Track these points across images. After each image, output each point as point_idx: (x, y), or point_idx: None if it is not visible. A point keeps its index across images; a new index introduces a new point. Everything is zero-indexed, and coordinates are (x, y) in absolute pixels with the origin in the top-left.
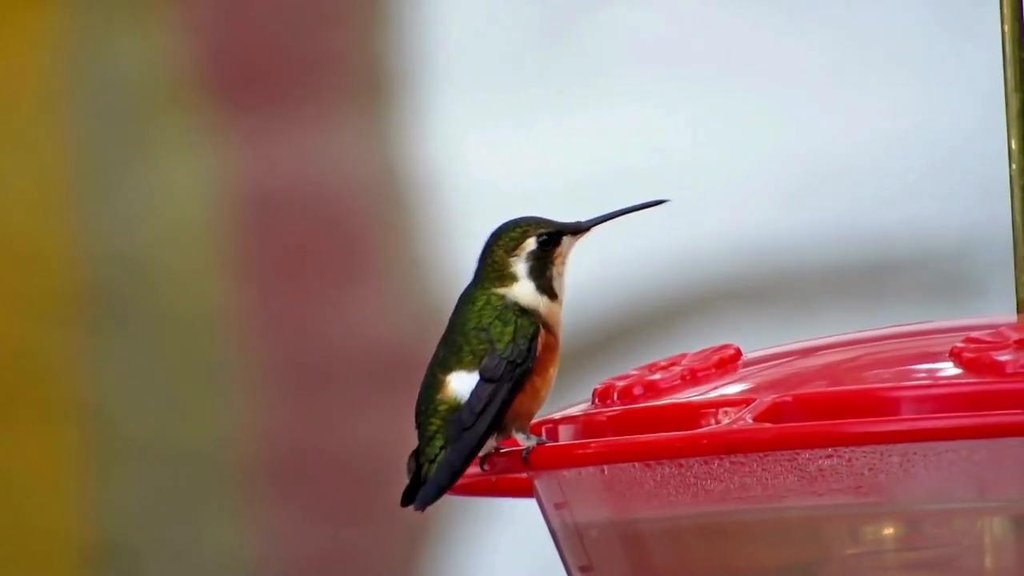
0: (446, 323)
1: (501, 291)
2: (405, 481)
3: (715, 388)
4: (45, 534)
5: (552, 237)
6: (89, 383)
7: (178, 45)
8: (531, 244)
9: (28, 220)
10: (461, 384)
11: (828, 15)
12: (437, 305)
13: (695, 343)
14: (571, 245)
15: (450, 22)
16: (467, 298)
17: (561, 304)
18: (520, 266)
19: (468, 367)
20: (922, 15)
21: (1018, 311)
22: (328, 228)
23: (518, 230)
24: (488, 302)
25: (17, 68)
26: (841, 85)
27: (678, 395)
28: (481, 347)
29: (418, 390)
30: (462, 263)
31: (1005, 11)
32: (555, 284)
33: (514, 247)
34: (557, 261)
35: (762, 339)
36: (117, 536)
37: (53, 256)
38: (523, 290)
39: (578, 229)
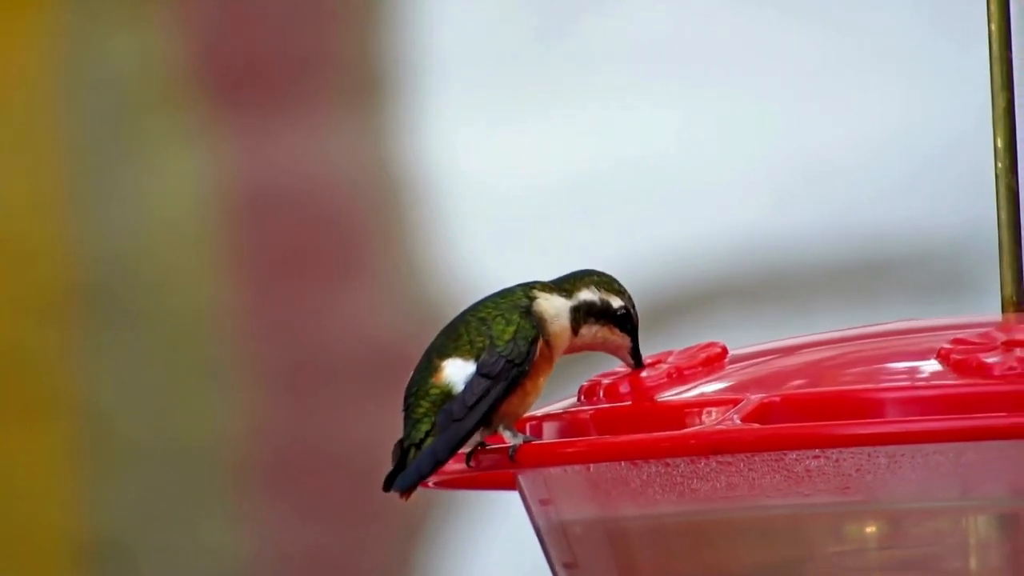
0: (441, 321)
1: (544, 294)
2: (389, 466)
3: (702, 387)
4: (39, 532)
5: (621, 322)
6: (83, 381)
7: (172, 43)
8: (615, 302)
9: (22, 218)
10: (456, 372)
11: (821, 14)
12: (431, 302)
13: (688, 342)
14: (620, 338)
15: (444, 21)
16: (504, 289)
17: (566, 345)
18: (585, 294)
19: (464, 356)
20: (915, 14)
21: (1003, 310)
22: (322, 226)
23: (617, 286)
24: (512, 296)
25: (10, 66)
26: (834, 84)
27: (665, 393)
28: (480, 339)
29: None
30: (456, 261)
31: (992, 9)
32: (583, 331)
33: (604, 290)
34: (600, 331)
35: (756, 338)
36: (111, 534)
37: (48, 254)
38: (563, 306)
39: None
